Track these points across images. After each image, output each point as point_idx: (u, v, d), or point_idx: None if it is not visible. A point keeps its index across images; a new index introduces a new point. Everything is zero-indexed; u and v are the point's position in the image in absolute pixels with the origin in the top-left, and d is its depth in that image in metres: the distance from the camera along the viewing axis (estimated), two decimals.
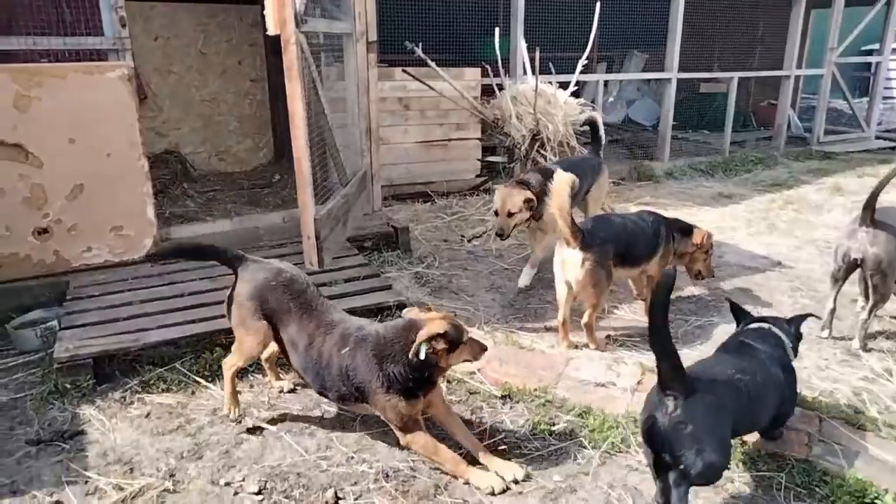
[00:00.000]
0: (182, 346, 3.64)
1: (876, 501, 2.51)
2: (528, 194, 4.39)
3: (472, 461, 2.74)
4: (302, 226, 3.88)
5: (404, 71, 6.60)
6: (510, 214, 4.38)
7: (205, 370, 3.50)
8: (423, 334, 2.54)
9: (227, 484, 2.68)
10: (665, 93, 8.86)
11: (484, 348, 2.78)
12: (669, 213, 6.70)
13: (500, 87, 6.95)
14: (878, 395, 3.34)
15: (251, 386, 3.44)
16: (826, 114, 10.66)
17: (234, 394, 3.14)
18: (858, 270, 3.79)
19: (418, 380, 2.65)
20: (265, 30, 3.70)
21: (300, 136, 3.72)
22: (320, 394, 2.95)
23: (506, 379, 3.42)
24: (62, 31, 4.49)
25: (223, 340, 3.67)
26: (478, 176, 7.43)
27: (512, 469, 2.68)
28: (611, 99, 12.18)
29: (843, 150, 10.00)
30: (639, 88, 12.55)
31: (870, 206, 3.72)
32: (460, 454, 2.75)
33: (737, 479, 2.68)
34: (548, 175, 4.13)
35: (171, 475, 2.74)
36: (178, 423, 3.11)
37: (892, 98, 15.64)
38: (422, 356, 2.53)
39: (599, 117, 5.61)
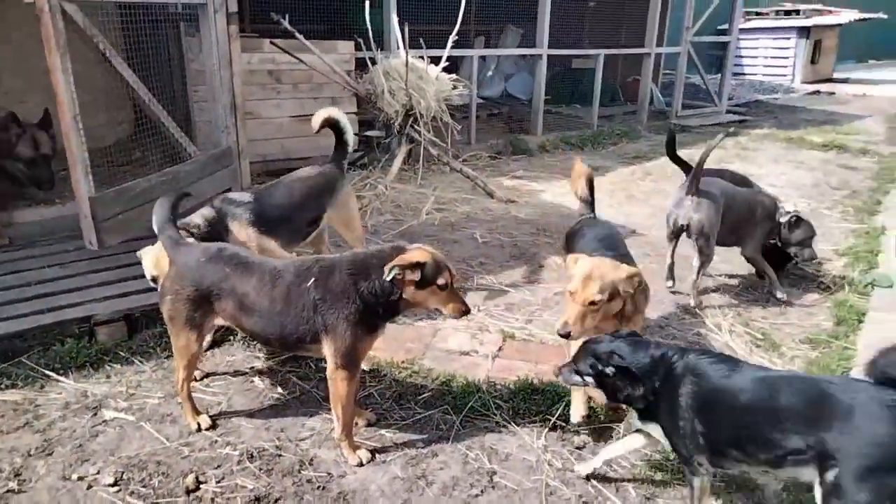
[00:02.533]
0: (29, 339, 3.42)
1: None
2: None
3: None
4: (77, 204, 3.70)
5: (272, 43, 6.40)
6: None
7: (55, 362, 3.31)
8: (400, 258, 2.51)
9: (81, 478, 2.58)
10: (536, 68, 9.16)
11: (464, 310, 2.62)
12: (541, 186, 7.06)
13: (374, 62, 6.92)
14: (711, 346, 3.74)
15: (108, 377, 3.30)
16: (685, 89, 11.48)
17: (191, 404, 2.94)
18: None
19: (385, 308, 2.59)
20: None
21: (66, 112, 3.54)
22: (279, 346, 2.82)
23: (374, 353, 3.49)
24: None
25: (76, 331, 3.49)
26: (355, 151, 7.39)
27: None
28: (489, 73, 12.42)
29: (698, 123, 10.83)
30: (516, 63, 12.88)
31: (695, 176, 4.12)
32: None
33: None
34: (223, 215, 3.45)
35: (17, 475, 2.60)
36: (24, 419, 2.94)
37: (742, 74, 17.08)
38: (387, 277, 2.47)
39: (342, 115, 4.04)
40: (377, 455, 2.76)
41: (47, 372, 3.25)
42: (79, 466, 2.66)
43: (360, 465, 2.69)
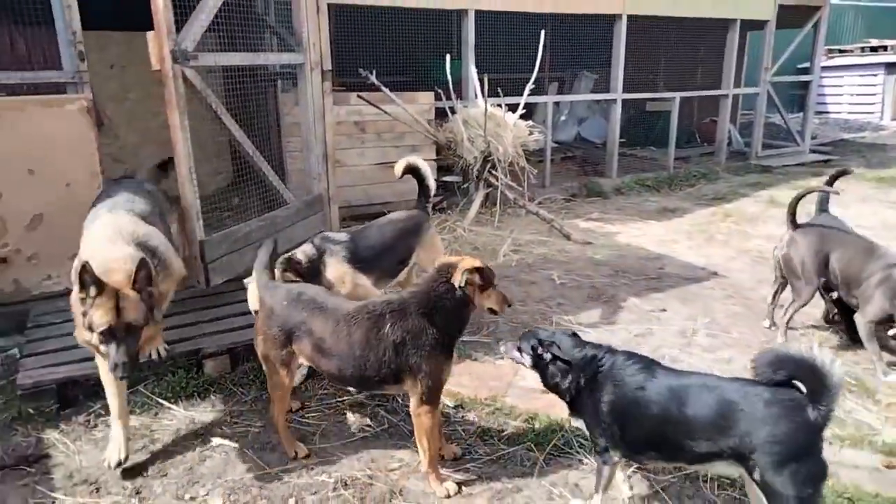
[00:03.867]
0: (145, 370, 3.75)
1: None
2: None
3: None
4: (190, 246, 4.05)
5: (359, 96, 6.83)
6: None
7: (167, 392, 3.62)
8: (463, 264, 2.71)
9: (192, 498, 2.81)
10: (611, 112, 9.27)
11: (509, 302, 2.88)
12: (616, 228, 7.09)
13: (453, 111, 7.23)
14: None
15: (213, 405, 3.57)
16: (764, 129, 11.27)
17: (287, 434, 3.14)
18: None
19: (457, 323, 2.77)
20: None
21: (183, 164, 3.91)
22: (357, 386, 3.07)
23: (458, 390, 3.63)
24: (17, 65, 4.58)
25: (185, 363, 3.80)
26: (434, 195, 7.65)
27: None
28: (563, 117, 12.60)
29: (779, 163, 10.57)
30: (590, 107, 13.02)
31: (791, 211, 4.17)
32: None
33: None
34: (322, 251, 3.71)
35: (137, 492, 2.86)
36: (142, 443, 3.22)
37: (825, 113, 16.55)
38: (462, 283, 2.65)
39: (422, 163, 4.32)
40: (463, 488, 2.86)
41: (160, 400, 3.56)
42: (190, 487, 2.89)
43: (448, 496, 2.79)
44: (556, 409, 3.43)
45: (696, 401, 2.27)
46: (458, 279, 2.66)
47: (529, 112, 8.65)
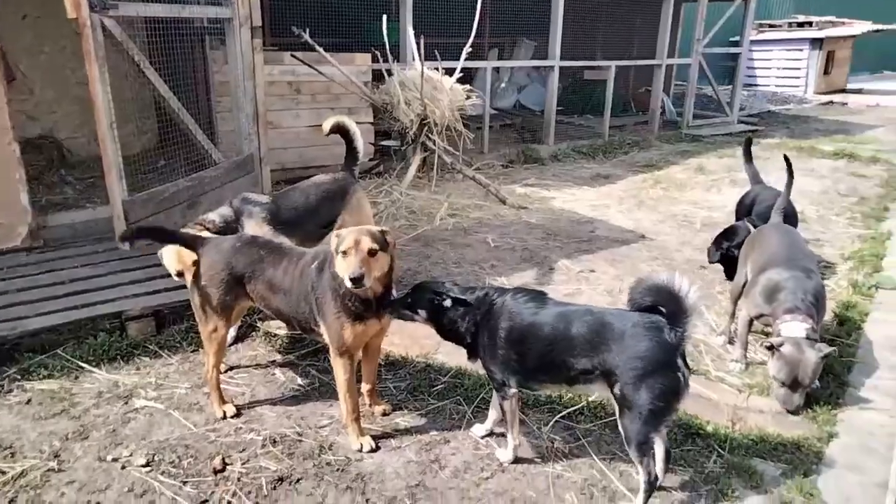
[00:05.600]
0: (64, 333, 3.62)
1: (700, 431, 2.97)
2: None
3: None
4: (111, 207, 3.92)
5: (293, 55, 6.64)
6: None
7: (89, 355, 3.50)
8: (335, 232, 2.72)
9: (115, 459, 2.76)
10: (549, 80, 9.34)
11: (351, 271, 2.52)
12: (552, 193, 7.21)
13: (390, 73, 7.13)
14: (711, 347, 3.85)
15: (138, 369, 3.48)
16: (696, 100, 11.60)
17: (219, 392, 3.11)
18: None
19: (352, 299, 2.67)
20: None
21: (103, 119, 3.77)
22: (299, 326, 2.98)
23: (390, 349, 3.66)
24: None
25: (107, 325, 3.68)
26: (371, 160, 7.59)
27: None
28: (502, 85, 12.62)
29: (709, 133, 10.94)
30: (529, 74, 13.07)
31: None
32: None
33: (583, 422, 3.06)
34: (240, 213, 3.65)
35: (56, 455, 2.78)
36: (61, 407, 3.13)
37: (754, 85, 17.15)
38: (342, 248, 2.59)
39: (352, 123, 4.22)
40: (392, 441, 2.91)
41: (81, 364, 3.44)
42: (113, 449, 2.83)
43: (360, 450, 2.82)
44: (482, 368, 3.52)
45: (579, 322, 2.51)
46: (333, 244, 2.66)
47: (469, 78, 8.62)
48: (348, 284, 2.53)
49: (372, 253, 2.58)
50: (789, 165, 4.57)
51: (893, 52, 23.04)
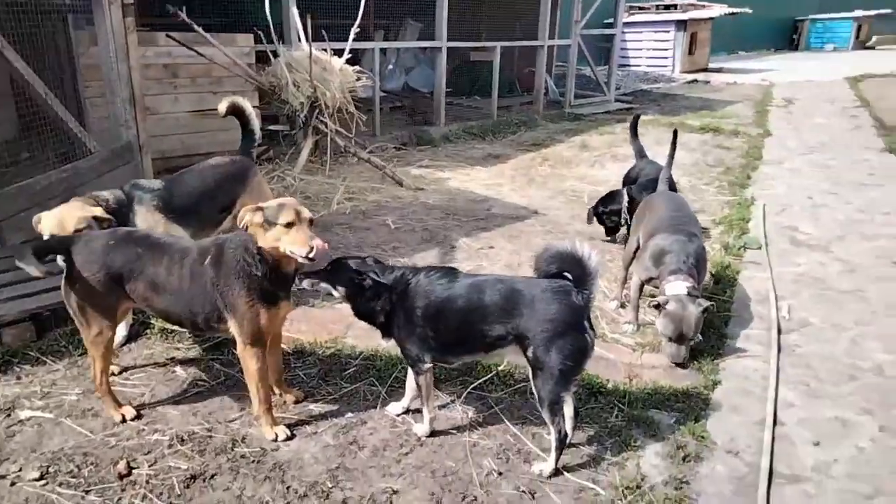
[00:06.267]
0: None
1: (601, 389, 3.16)
2: (96, 212, 3.13)
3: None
4: None
5: (168, 36, 6.25)
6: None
7: None
8: (246, 207, 2.60)
9: (2, 477, 2.53)
10: (437, 61, 9.40)
11: (310, 244, 2.47)
12: (447, 174, 7.31)
13: (275, 54, 6.89)
14: (605, 311, 4.09)
15: (18, 378, 3.20)
16: (577, 80, 12.11)
17: (112, 396, 2.92)
18: None
19: (268, 271, 2.59)
20: None
21: None
22: (191, 326, 2.84)
23: (297, 336, 3.59)
24: None
25: None
26: (259, 145, 7.30)
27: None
28: (390, 66, 12.55)
29: (589, 111, 11.48)
30: (416, 56, 13.08)
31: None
32: None
33: (497, 391, 3.17)
34: (131, 199, 3.45)
35: None
36: None
37: (627, 66, 18.14)
38: (241, 225, 2.54)
39: (247, 104, 4.12)
40: (308, 427, 2.88)
41: None
42: None
43: (276, 440, 2.77)
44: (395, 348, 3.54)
45: (491, 291, 2.61)
46: (239, 220, 2.59)
47: (356, 59, 8.50)
48: (303, 254, 2.47)
49: (311, 223, 2.55)
50: (674, 139, 4.93)
51: (746, 34, 25.14)
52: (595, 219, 5.25)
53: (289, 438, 2.80)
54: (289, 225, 2.48)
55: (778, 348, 3.62)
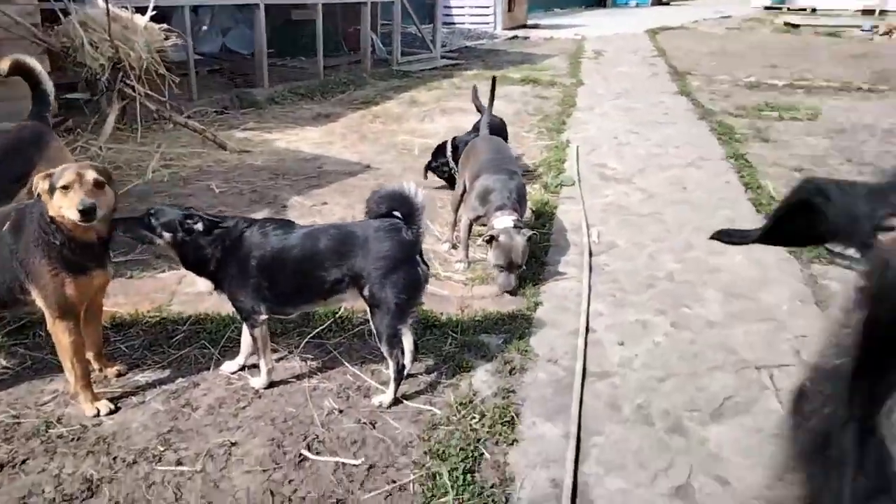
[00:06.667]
0: None
1: (436, 322, 3.31)
2: None
3: None
4: None
5: None
6: None
7: None
8: (38, 175, 2.41)
9: None
10: (256, 20, 8.96)
11: (80, 205, 2.27)
12: (275, 135, 7.08)
13: (66, 13, 6.18)
14: (438, 253, 4.26)
15: None
16: (402, 38, 12.14)
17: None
18: None
19: (67, 240, 2.39)
20: None
21: None
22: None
23: (115, 309, 3.35)
24: None
25: None
26: (55, 115, 6.57)
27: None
28: (205, 27, 11.73)
29: (417, 69, 11.59)
30: (234, 16, 12.34)
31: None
32: None
33: (334, 337, 3.21)
34: None
35: None
36: None
37: (452, 24, 18.47)
38: (36, 193, 2.40)
39: (35, 63, 3.73)
40: (134, 398, 2.73)
41: None
42: None
43: (98, 415, 2.60)
44: (226, 307, 3.42)
45: (325, 237, 2.65)
46: (34, 188, 2.43)
47: (164, 18, 7.85)
48: (75, 217, 2.28)
49: (99, 185, 2.35)
50: (493, 86, 5.16)
51: None
52: (431, 172, 5.38)
53: (112, 412, 2.64)
54: (65, 188, 2.31)
55: (589, 269, 3.99)
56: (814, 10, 22.33)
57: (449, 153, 5.21)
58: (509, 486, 2.29)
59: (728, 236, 0.98)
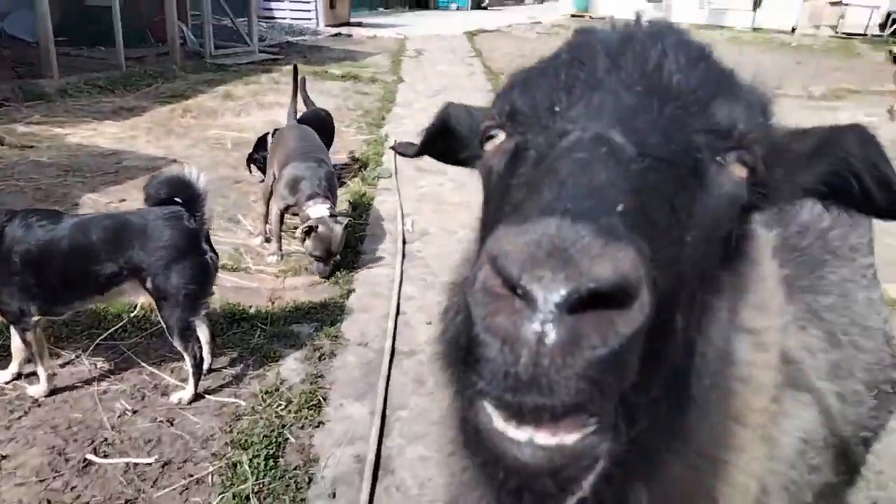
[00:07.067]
0: None
1: (244, 315, 3.24)
2: None
3: None
4: None
5: None
6: None
7: None
8: None
9: None
10: (37, 2, 8.04)
11: None
12: (67, 130, 6.44)
13: None
14: (250, 247, 4.16)
15: None
16: (218, 31, 11.57)
17: None
18: None
19: None
20: None
21: None
22: None
23: None
24: None
25: None
26: None
27: None
28: None
29: (233, 62, 11.11)
30: None
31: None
32: None
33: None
34: None
35: None
36: None
37: (273, 18, 17.96)
38: None
39: None
40: None
41: None
42: None
43: None
44: None
45: (98, 228, 2.49)
46: None
47: None
48: None
49: None
50: (295, 74, 5.11)
51: None
52: (252, 165, 5.19)
53: None
54: None
55: (402, 255, 4.13)
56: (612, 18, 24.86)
57: (269, 146, 5.09)
58: (313, 467, 2.32)
59: (402, 148, 1.15)
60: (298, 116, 5.57)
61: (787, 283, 1.06)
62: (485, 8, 31.61)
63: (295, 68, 5.23)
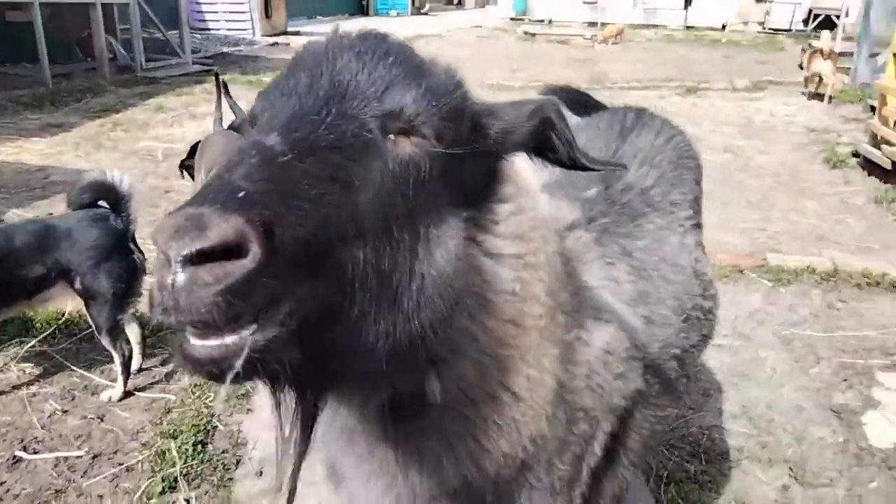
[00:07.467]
0: None
1: None
2: None
3: None
4: None
5: None
6: None
7: None
8: None
9: None
10: None
11: None
12: None
13: None
14: None
15: None
16: (150, 44, 11.44)
17: None
18: None
19: None
20: None
21: None
22: None
23: None
24: None
25: None
26: None
27: None
28: None
29: (165, 74, 11.01)
30: None
31: None
32: None
33: None
34: None
35: None
36: None
37: (206, 29, 17.79)
38: None
39: None
40: None
41: None
42: None
43: None
44: None
45: (22, 234, 2.54)
46: None
47: None
48: None
49: None
50: (217, 83, 5.18)
51: None
52: (185, 171, 5.22)
53: None
54: None
55: None
56: (550, 22, 25.38)
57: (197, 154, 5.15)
58: (241, 450, 2.44)
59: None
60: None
61: (604, 230, 1.27)
62: (425, 13, 31.91)
63: (216, 76, 5.29)
